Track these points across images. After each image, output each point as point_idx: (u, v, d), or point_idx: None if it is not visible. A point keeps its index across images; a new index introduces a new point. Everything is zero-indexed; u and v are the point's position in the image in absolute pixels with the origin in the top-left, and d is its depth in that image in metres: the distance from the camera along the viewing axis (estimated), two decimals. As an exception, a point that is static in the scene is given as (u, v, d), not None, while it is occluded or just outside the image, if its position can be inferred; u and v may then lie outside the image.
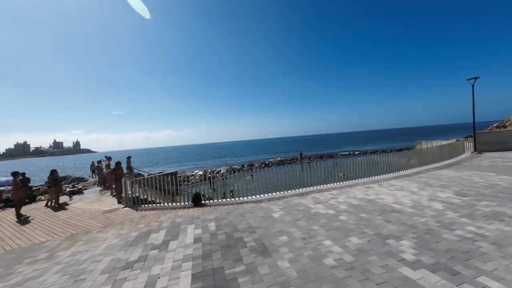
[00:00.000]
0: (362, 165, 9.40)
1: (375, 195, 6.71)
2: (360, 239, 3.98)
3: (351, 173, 9.16)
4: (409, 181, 8.19)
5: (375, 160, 9.92)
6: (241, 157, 54.69)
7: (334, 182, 8.87)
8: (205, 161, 51.07)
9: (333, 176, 8.95)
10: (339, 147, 65.65)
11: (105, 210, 7.81)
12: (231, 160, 48.67)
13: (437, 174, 8.99)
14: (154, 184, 8.52)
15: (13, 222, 7.29)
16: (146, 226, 5.72)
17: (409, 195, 6.45)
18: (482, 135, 14.71)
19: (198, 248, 4.21)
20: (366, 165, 9.50)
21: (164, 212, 6.92)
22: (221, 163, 43.01)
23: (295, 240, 4.18)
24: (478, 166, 9.96)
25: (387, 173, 9.75)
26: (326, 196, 7.09)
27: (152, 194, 8.54)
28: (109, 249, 4.53)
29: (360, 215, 5.15)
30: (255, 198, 7.83)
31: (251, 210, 6.31)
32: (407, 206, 5.53)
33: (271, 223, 5.13)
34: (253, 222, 5.34)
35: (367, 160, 9.72)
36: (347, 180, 8.99)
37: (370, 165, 9.61)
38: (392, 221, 4.66)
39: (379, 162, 9.81)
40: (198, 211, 6.76)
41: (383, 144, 66.87)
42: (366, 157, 9.91)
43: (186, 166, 41.86)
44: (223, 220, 5.64)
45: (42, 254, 4.67)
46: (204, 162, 48.07)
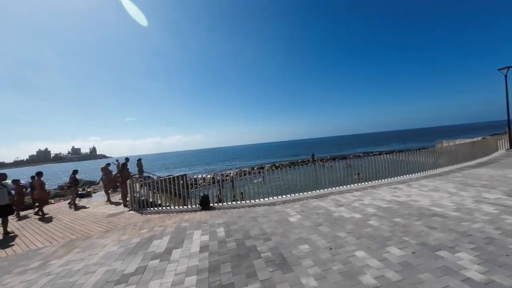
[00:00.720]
0: (381, 165, 8.45)
1: (406, 197, 5.85)
2: (401, 250, 3.22)
3: (368, 174, 8.28)
4: (443, 181, 7.22)
5: (399, 159, 8.95)
6: (250, 160, 54.11)
7: (355, 183, 8.04)
8: (214, 165, 50.85)
9: (349, 177, 8.14)
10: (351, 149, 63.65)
11: (110, 213, 7.40)
12: (240, 163, 48.18)
13: (475, 173, 7.94)
14: (163, 187, 8.06)
15: (15, 226, 7.01)
16: (149, 231, 5.19)
17: (448, 196, 5.55)
18: (518, 130, 13.29)
19: (204, 258, 3.59)
20: (386, 165, 8.54)
21: (170, 216, 6.39)
22: (230, 166, 42.61)
23: (319, 250, 3.47)
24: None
25: (412, 173, 8.79)
26: (348, 198, 6.29)
27: (160, 196, 8.08)
28: (105, 258, 4.00)
29: (394, 220, 4.35)
30: (267, 201, 7.16)
31: (264, 214, 5.64)
32: (449, 209, 4.66)
33: (288, 229, 4.44)
34: (267, 227, 4.67)
35: (388, 160, 8.75)
36: (368, 181, 8.13)
37: (391, 165, 8.63)
38: (436, 227, 3.84)
39: (402, 162, 8.84)
40: (206, 214, 6.17)
41: (397, 145, 64.29)
42: (387, 157, 8.92)
43: (196, 170, 41.73)
44: (233, 225, 5.01)
45: (35, 263, 4.22)
46: (213, 166, 47.81)
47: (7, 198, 6.40)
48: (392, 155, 8.82)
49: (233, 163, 52.37)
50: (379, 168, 8.40)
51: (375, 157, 8.48)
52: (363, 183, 8.06)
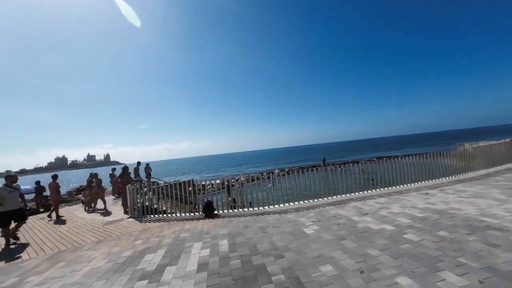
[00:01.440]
0: (405, 169, 7.48)
1: (444, 204, 4.93)
2: (462, 277, 2.38)
3: (389, 178, 7.33)
4: (483, 186, 6.20)
5: (425, 161, 7.95)
6: (259, 166, 53.28)
7: (376, 188, 7.13)
8: (222, 171, 50.43)
9: (366, 183, 7.25)
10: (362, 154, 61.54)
11: (108, 221, 6.88)
12: (249, 168, 47.46)
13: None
14: (168, 192, 7.50)
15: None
16: (144, 243, 4.56)
17: (498, 204, 4.58)
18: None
19: (201, 281, 2.89)
20: (410, 168, 7.53)
21: (170, 225, 5.76)
22: (239, 171, 42.02)
23: (347, 273, 2.69)
24: None
25: (441, 177, 7.76)
26: (372, 206, 5.43)
27: (165, 203, 7.53)
28: (88, 276, 3.38)
29: (437, 234, 3.49)
30: (278, 208, 6.40)
31: (274, 224, 4.89)
32: (508, 220, 3.73)
33: (304, 243, 3.67)
34: (278, 240, 3.92)
35: (412, 163, 7.66)
36: (390, 185, 7.20)
37: (415, 169, 7.60)
38: (500, 245, 2.96)
39: (428, 165, 7.81)
40: (209, 223, 5.49)
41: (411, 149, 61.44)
42: (412, 159, 7.84)
43: (204, 175, 41.38)
44: (239, 237, 4.29)
45: (11, 279, 3.67)
46: (221, 171, 47.38)
47: (19, 202, 5.77)
48: (418, 157, 7.83)
49: (242, 168, 51.74)
50: (402, 171, 7.45)
51: (397, 160, 7.53)
52: (386, 188, 7.14)
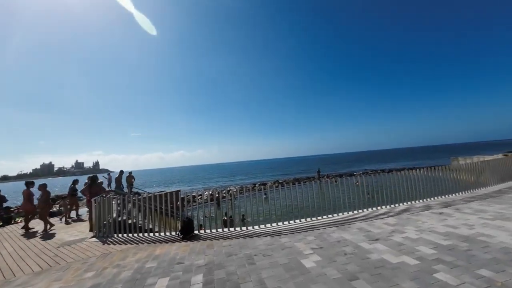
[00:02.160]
0: (409, 183, 6.71)
1: (468, 228, 4.11)
2: None
3: (394, 194, 6.51)
4: (503, 205, 5.45)
5: (434, 175, 7.20)
6: (253, 176, 51.94)
7: (381, 205, 6.30)
8: (215, 181, 48.82)
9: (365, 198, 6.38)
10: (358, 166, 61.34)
11: (65, 241, 5.73)
12: (242, 179, 46.06)
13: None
14: (149, 206, 6.35)
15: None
16: (96, 277, 3.51)
17: (535, 229, 3.80)
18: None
19: None
20: (414, 183, 6.73)
21: (137, 248, 4.70)
22: (231, 182, 40.63)
23: None
24: None
25: (452, 193, 7.03)
26: (382, 228, 4.56)
27: (144, 218, 6.37)
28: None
29: (478, 273, 2.63)
30: (271, 228, 5.43)
31: (265, 251, 3.93)
32: (562, 254, 2.93)
33: (303, 284, 2.74)
34: (269, 277, 2.97)
35: (417, 176, 6.82)
36: (397, 202, 6.39)
37: (420, 183, 6.78)
38: None
39: (435, 179, 7.06)
40: (185, 248, 4.48)
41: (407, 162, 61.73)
42: (419, 173, 7.03)
43: (195, 186, 39.74)
44: (218, 271, 3.31)
45: None
46: (214, 181, 45.79)
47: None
48: (426, 170, 7.08)
49: (235, 179, 50.26)
50: (407, 185, 6.66)
51: (400, 174, 6.76)
52: (392, 206, 6.31)
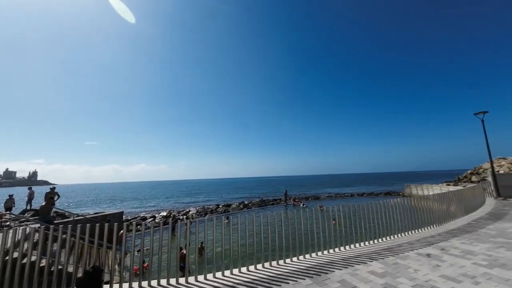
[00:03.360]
0: (380, 215, 5.92)
1: (473, 282, 3.22)
2: None
3: (364, 224, 5.62)
4: (487, 244, 4.90)
5: (409, 205, 6.59)
6: (218, 196, 48.57)
7: (354, 243, 5.27)
8: (175, 199, 44.04)
9: (326, 225, 5.25)
10: (322, 189, 62.88)
11: None
12: (205, 199, 42.42)
13: (503, 230, 5.90)
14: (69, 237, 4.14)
15: None
16: None
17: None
18: (501, 177, 12.63)
19: None
20: (386, 213, 5.96)
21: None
22: (194, 202, 36.81)
23: None
24: (541, 218, 7.18)
25: (426, 225, 6.45)
26: (369, 280, 3.42)
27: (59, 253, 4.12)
28: None
29: None
30: (221, 280, 3.83)
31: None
32: None
33: None
34: None
35: (387, 207, 5.98)
36: (369, 239, 5.46)
37: (392, 213, 6.03)
38: None
39: (409, 209, 6.40)
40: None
41: (364, 186, 65.46)
42: (373, 201, 6.12)
43: (147, 205, 34.87)
44: None
45: None
46: (173, 201, 41.12)
47: None
48: (401, 198, 6.41)
49: (198, 198, 46.16)
50: (384, 216, 5.85)
51: (347, 200, 5.94)
52: (373, 242, 5.34)
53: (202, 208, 26.13)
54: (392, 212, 5.90)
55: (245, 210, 23.51)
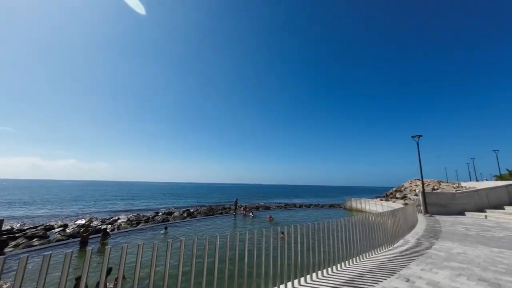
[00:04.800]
0: (325, 231, 5.13)
1: None
2: None
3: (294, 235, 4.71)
4: (446, 271, 4.43)
5: (364, 222, 5.95)
6: (161, 201, 43.31)
7: (311, 273, 4.18)
8: (105, 204, 36.91)
9: (272, 237, 4.23)
10: (274, 199, 63.73)
11: None
12: (145, 204, 37.04)
13: (449, 251, 5.78)
14: None
15: None
16: None
17: None
18: (429, 196, 14.08)
19: None
20: (334, 230, 5.18)
21: None
22: (127, 208, 31.27)
23: None
24: (465, 236, 7.64)
25: (380, 246, 5.92)
26: None
27: None
28: None
29: None
30: None
31: None
32: None
33: None
34: None
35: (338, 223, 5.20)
36: (327, 266, 4.49)
37: (341, 232, 5.26)
38: None
39: (362, 226, 5.78)
40: None
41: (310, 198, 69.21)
42: (319, 212, 5.55)
43: (67, 210, 28.00)
44: None
45: None
46: (102, 205, 34.29)
47: None
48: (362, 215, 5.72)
49: (134, 204, 39.98)
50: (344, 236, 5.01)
51: (296, 211, 5.14)
52: (329, 271, 4.32)
53: (135, 216, 22.14)
54: (353, 232, 5.08)
55: (189, 219, 20.81)
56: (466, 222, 10.99)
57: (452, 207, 13.72)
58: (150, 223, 19.10)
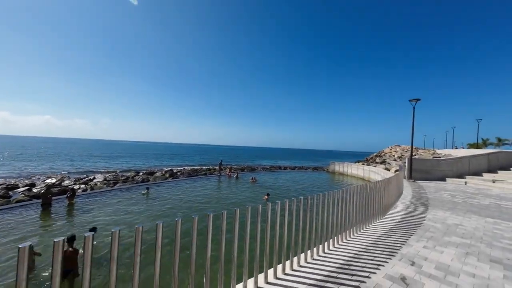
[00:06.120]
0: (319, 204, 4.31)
1: None
2: None
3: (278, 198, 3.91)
4: (451, 249, 3.85)
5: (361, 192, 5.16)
6: (143, 161, 42.08)
7: (298, 256, 3.38)
8: (82, 162, 35.09)
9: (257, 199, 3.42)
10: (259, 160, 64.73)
11: None
12: (126, 164, 35.71)
13: (445, 222, 5.33)
14: None
15: None
16: None
17: None
18: (415, 162, 13.98)
19: None
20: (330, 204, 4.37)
21: None
22: (106, 167, 29.81)
23: None
24: (454, 204, 7.39)
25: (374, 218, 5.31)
26: None
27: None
28: None
29: None
30: None
31: None
32: None
33: None
34: None
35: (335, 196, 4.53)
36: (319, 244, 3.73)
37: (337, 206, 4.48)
38: None
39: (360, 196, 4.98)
40: None
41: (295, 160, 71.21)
42: (302, 174, 4.69)
43: (37, 168, 26.14)
44: None
45: None
46: (78, 164, 32.51)
47: None
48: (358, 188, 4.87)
49: (115, 162, 38.51)
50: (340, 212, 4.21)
51: (279, 173, 4.26)
52: (321, 252, 3.55)
53: (113, 176, 21.01)
54: (349, 204, 4.25)
55: (171, 180, 20.12)
56: (448, 188, 11.04)
57: (435, 173, 13.86)
58: (129, 183, 18.12)
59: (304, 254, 3.33)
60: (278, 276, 2.87)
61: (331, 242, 3.83)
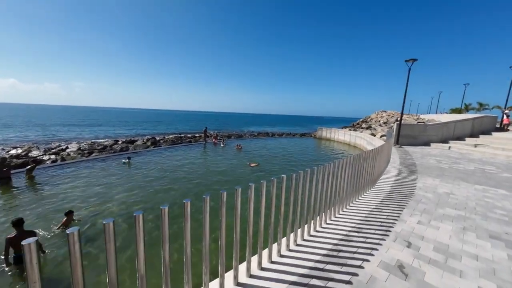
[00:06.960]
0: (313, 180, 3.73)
1: None
2: None
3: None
4: (447, 224, 3.51)
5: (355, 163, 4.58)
6: (123, 129, 39.75)
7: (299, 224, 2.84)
8: (53, 130, 32.35)
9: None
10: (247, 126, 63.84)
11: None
12: (104, 131, 33.49)
13: (435, 191, 5.05)
14: None
15: None
16: None
17: None
18: (403, 128, 13.75)
19: None
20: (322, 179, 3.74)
21: None
22: (80, 136, 27.66)
23: None
24: (441, 170, 7.24)
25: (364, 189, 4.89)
26: None
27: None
28: None
29: None
30: None
31: None
32: None
33: None
34: None
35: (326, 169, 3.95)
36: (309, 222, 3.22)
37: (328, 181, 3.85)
38: None
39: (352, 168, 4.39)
40: None
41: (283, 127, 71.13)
42: (289, 140, 4.09)
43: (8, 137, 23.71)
44: None
45: None
46: (49, 131, 29.93)
47: None
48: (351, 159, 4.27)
49: (91, 130, 36.08)
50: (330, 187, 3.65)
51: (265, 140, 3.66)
52: (311, 233, 3.04)
53: (89, 144, 19.52)
54: (340, 178, 3.67)
55: (153, 148, 19.05)
56: (433, 153, 11.05)
57: (421, 138, 13.86)
58: (106, 152, 16.91)
59: (286, 240, 2.79)
60: (252, 273, 2.32)
61: (318, 222, 3.34)
